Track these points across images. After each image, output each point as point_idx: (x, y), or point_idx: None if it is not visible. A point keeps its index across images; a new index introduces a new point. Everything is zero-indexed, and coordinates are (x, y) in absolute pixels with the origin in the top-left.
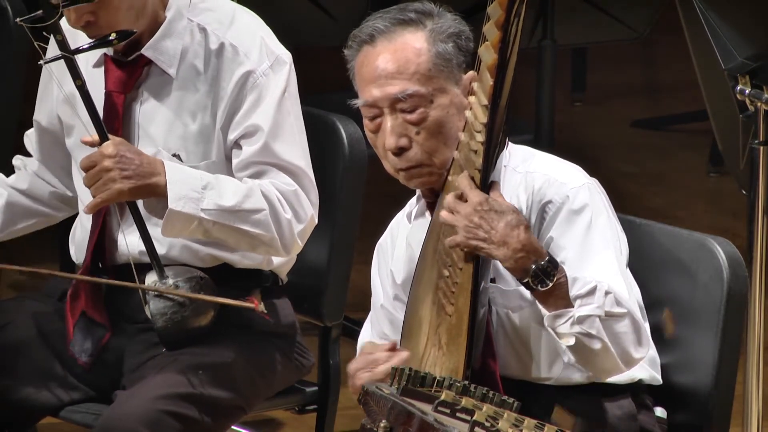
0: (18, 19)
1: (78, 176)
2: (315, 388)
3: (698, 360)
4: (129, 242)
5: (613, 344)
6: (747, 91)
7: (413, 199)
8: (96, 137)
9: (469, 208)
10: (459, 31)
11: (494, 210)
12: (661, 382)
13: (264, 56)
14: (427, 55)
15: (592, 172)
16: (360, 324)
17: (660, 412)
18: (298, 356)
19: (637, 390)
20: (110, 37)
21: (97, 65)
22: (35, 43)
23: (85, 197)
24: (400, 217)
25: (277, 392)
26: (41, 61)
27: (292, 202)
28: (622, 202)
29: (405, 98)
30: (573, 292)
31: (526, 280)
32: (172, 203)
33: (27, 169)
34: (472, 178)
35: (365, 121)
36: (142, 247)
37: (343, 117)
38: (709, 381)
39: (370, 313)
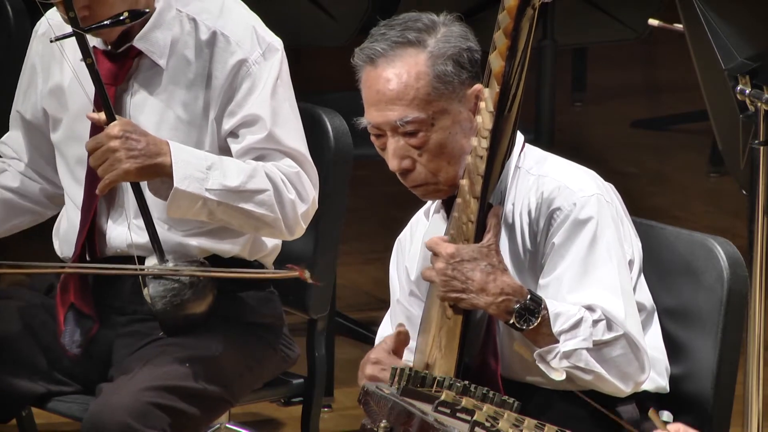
0: None
1: (65, 170)
2: (301, 380)
3: (698, 360)
4: (117, 234)
5: (608, 370)
6: (747, 91)
7: None
8: (103, 116)
9: (442, 263)
10: (461, 48)
11: (465, 260)
12: (668, 390)
13: (256, 44)
14: (426, 79)
15: None
16: (359, 324)
17: (666, 416)
18: (284, 347)
19: (641, 398)
20: (122, 16)
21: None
22: (48, 21)
23: (72, 191)
24: (420, 214)
25: (264, 384)
26: (52, 38)
27: (294, 183)
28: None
29: (404, 124)
30: (556, 328)
31: (512, 322)
32: (178, 182)
33: (12, 168)
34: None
35: (372, 138)
36: (131, 240)
37: (330, 110)
38: (709, 381)
39: (390, 307)
